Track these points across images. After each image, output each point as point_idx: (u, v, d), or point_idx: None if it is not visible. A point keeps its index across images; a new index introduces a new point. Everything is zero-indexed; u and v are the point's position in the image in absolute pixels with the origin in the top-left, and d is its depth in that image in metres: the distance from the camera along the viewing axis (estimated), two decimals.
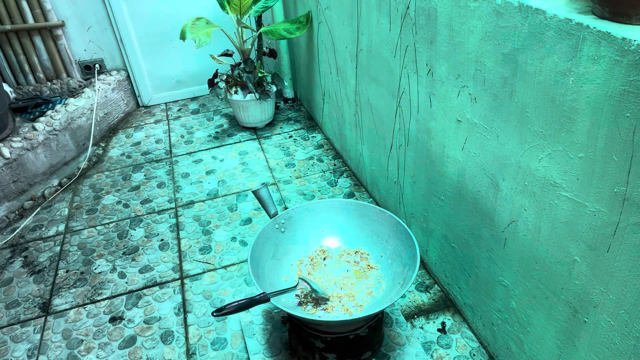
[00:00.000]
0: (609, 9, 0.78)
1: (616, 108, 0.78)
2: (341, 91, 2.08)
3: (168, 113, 2.96)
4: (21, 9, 2.53)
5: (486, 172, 1.18)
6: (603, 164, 0.83)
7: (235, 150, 2.50)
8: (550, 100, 0.92)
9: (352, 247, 1.39)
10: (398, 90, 1.54)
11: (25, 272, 1.82)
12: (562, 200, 0.95)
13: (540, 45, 0.91)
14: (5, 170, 2.10)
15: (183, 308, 1.62)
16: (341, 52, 1.96)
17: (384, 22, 1.51)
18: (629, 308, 0.85)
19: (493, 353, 1.37)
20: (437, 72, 1.29)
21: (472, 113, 1.18)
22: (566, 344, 1.04)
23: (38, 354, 1.50)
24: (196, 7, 2.78)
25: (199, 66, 3.01)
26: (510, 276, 1.19)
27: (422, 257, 1.68)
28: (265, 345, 1.38)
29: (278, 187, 2.18)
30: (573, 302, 0.99)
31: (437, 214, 1.50)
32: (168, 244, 1.90)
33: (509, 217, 1.13)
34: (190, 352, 1.47)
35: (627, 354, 0.88)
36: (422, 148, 1.48)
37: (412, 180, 1.61)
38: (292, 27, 2.30)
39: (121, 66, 2.92)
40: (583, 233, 0.92)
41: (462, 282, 1.45)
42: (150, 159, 2.50)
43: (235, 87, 2.53)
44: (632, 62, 0.73)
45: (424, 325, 1.50)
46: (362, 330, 1.22)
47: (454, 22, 1.16)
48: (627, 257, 0.83)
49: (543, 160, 0.97)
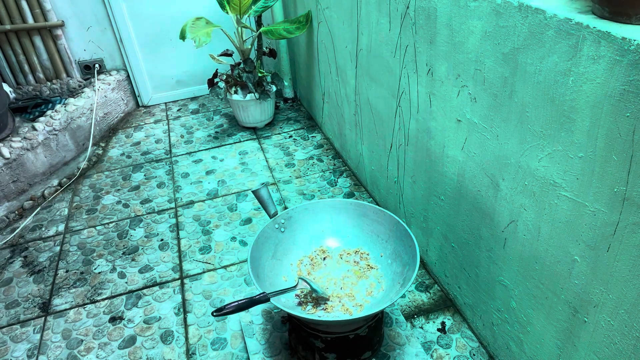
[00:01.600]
0: (609, 8, 0.78)
1: (616, 108, 0.78)
2: (341, 91, 2.08)
3: (168, 113, 2.96)
4: (21, 9, 2.53)
5: (486, 172, 1.18)
6: (603, 163, 0.83)
7: (235, 150, 2.50)
8: (550, 100, 0.92)
9: (352, 247, 1.39)
10: (398, 90, 1.54)
11: (25, 272, 1.82)
12: (562, 200, 0.95)
13: (540, 45, 0.91)
14: (5, 170, 2.10)
15: (183, 308, 1.62)
16: (341, 52, 1.96)
17: (383, 22, 1.51)
18: (629, 308, 0.85)
19: (493, 353, 1.37)
20: (437, 72, 1.29)
21: (472, 113, 1.18)
22: (566, 343, 1.04)
23: (38, 354, 1.50)
24: (196, 7, 2.78)
25: (198, 66, 3.01)
26: (510, 276, 1.19)
27: (422, 257, 1.68)
28: (265, 345, 1.37)
29: (278, 187, 2.18)
30: (573, 302, 0.99)
31: (437, 214, 1.50)
32: (168, 244, 1.90)
33: (509, 216, 1.13)
34: (190, 352, 1.47)
35: (627, 353, 0.88)
36: (422, 148, 1.48)
37: (412, 180, 1.61)
38: (292, 27, 2.30)
39: (121, 66, 2.92)
40: (583, 233, 0.92)
41: (462, 281, 1.45)
42: (150, 158, 2.50)
43: (235, 87, 2.53)
44: (632, 62, 0.73)
45: (423, 325, 1.50)
46: (362, 330, 1.22)
47: (453, 21, 1.16)
48: (627, 257, 0.83)
49: (543, 160, 0.97)
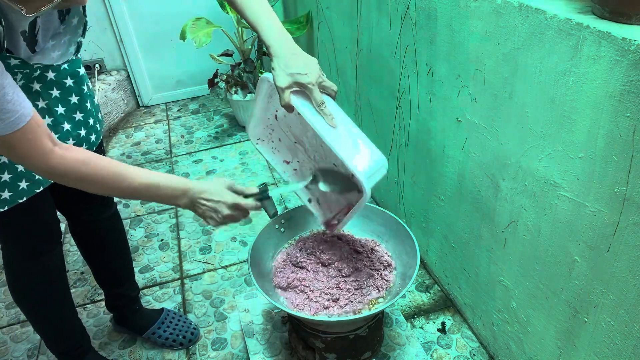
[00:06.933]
0: (609, 8, 0.78)
1: (616, 108, 0.78)
2: (341, 91, 2.08)
3: (168, 113, 2.96)
4: None
5: (486, 172, 1.18)
6: (603, 164, 0.83)
7: (235, 150, 2.50)
8: (550, 100, 0.92)
9: None
10: (398, 90, 1.54)
11: None
12: (562, 200, 0.95)
13: (540, 45, 0.91)
14: None
15: (183, 308, 1.62)
16: (341, 52, 1.96)
17: (384, 22, 1.51)
18: (629, 308, 0.85)
19: (493, 353, 1.37)
20: (437, 72, 1.29)
21: (472, 113, 1.18)
22: (566, 344, 1.04)
23: (38, 353, 1.50)
24: (196, 7, 2.78)
25: (199, 66, 3.01)
26: (510, 276, 1.19)
27: (422, 257, 1.68)
28: (265, 345, 1.38)
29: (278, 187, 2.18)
30: (573, 302, 0.99)
31: (437, 214, 1.50)
32: (168, 244, 1.90)
33: (509, 217, 1.13)
34: (190, 352, 1.47)
35: (627, 353, 0.88)
36: (422, 148, 1.48)
37: (412, 180, 1.61)
38: (292, 27, 2.30)
39: (121, 66, 2.92)
40: (583, 233, 0.92)
41: (462, 282, 1.45)
42: (150, 159, 2.50)
43: (235, 87, 2.53)
44: (632, 62, 0.73)
45: (424, 325, 1.50)
46: (362, 330, 1.22)
47: (454, 22, 1.16)
48: (627, 257, 0.83)
49: (543, 160, 0.97)
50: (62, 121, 1.04)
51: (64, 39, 0.95)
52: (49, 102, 1.01)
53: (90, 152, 0.88)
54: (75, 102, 1.07)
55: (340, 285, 1.20)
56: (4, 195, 0.98)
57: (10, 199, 0.99)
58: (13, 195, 0.99)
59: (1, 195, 0.98)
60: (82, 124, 1.09)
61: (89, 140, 1.12)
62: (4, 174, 0.97)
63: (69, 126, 1.06)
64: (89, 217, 1.29)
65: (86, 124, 1.11)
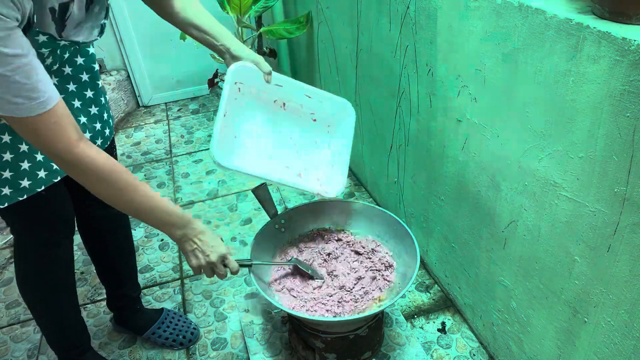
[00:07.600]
0: (609, 8, 0.78)
1: (616, 108, 0.78)
2: (341, 91, 2.08)
3: (168, 113, 2.96)
4: None
5: (486, 172, 1.18)
6: (603, 164, 0.83)
7: None
8: (550, 100, 0.92)
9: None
10: (398, 90, 1.54)
11: None
12: (562, 200, 0.95)
13: (540, 45, 0.91)
14: None
15: (183, 308, 1.62)
16: (341, 52, 1.96)
17: (384, 22, 1.51)
18: (629, 308, 0.85)
19: (493, 353, 1.37)
20: (437, 72, 1.29)
21: (472, 113, 1.18)
22: (566, 344, 1.04)
23: (38, 353, 1.50)
24: None
25: (199, 66, 3.01)
26: (510, 276, 1.19)
27: (422, 257, 1.68)
28: (265, 345, 1.38)
29: (278, 187, 2.18)
30: (573, 302, 0.99)
31: (437, 214, 1.50)
32: (168, 243, 1.90)
33: (509, 217, 1.13)
34: (190, 352, 1.47)
35: (627, 353, 0.88)
36: (422, 148, 1.48)
37: (412, 180, 1.61)
38: (292, 27, 2.30)
39: (121, 66, 2.92)
40: (583, 233, 0.92)
41: (462, 282, 1.45)
42: (150, 159, 2.50)
43: None
44: (632, 62, 0.73)
45: (424, 325, 1.50)
46: (362, 330, 1.22)
47: (454, 22, 1.16)
48: (627, 257, 0.83)
49: (543, 160, 0.97)
50: (79, 114, 1.06)
51: (85, 26, 0.96)
52: (66, 96, 1.03)
53: (111, 157, 0.89)
54: (91, 97, 1.09)
55: (344, 298, 1.20)
56: (23, 184, 0.99)
57: (30, 188, 1.01)
58: (32, 184, 1.01)
59: (20, 183, 0.99)
60: (98, 117, 1.12)
61: (103, 133, 1.14)
62: (24, 162, 0.98)
63: (85, 119, 1.08)
64: (97, 213, 1.29)
65: (101, 118, 1.13)
